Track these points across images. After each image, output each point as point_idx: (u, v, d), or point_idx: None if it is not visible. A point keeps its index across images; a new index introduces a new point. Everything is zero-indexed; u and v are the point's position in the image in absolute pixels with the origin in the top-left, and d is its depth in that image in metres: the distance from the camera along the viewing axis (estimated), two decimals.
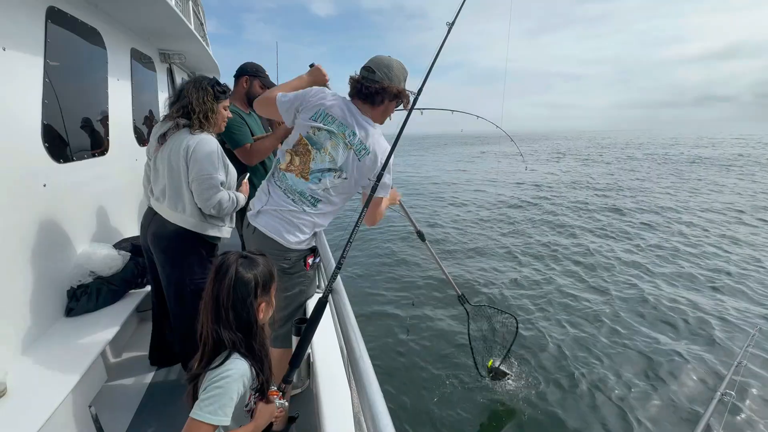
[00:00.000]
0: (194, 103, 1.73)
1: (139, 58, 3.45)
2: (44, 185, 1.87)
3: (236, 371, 0.93)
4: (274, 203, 1.52)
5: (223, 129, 1.94)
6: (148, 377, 2.24)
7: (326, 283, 1.15)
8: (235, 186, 1.94)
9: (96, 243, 2.26)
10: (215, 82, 1.82)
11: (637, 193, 13.47)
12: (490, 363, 3.25)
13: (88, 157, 2.34)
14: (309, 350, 1.30)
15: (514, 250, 7.54)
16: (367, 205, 1.33)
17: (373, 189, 1.38)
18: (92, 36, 2.54)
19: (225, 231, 1.95)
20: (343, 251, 1.20)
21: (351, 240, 1.22)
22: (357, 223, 1.23)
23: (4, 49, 1.66)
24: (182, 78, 5.21)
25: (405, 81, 1.52)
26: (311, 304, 1.79)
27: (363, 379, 0.70)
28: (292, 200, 1.50)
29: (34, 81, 1.88)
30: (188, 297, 1.79)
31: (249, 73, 2.43)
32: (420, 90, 1.50)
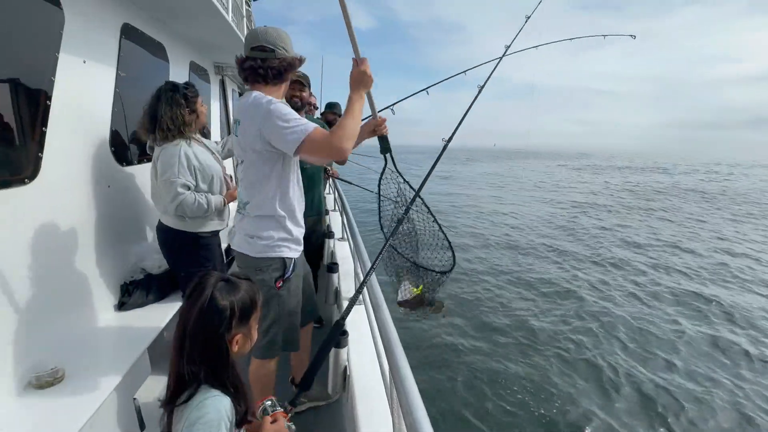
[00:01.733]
0: (168, 122, 1.87)
1: (196, 70, 3.69)
2: (108, 186, 2.02)
3: (213, 414, 0.82)
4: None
5: (205, 120, 2.13)
6: None
7: (345, 307, 1.15)
8: (219, 190, 2.08)
9: (150, 242, 2.40)
10: (183, 87, 1.94)
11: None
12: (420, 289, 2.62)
13: (146, 161, 2.51)
14: (346, 362, 1.29)
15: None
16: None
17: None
18: (158, 50, 2.75)
19: (212, 225, 2.10)
20: (364, 279, 1.19)
21: (374, 266, 1.22)
22: (380, 251, 1.23)
23: (84, 62, 1.82)
24: (233, 89, 5.50)
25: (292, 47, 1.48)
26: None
27: (408, 403, 0.68)
28: (238, 210, 1.55)
29: (107, 91, 2.05)
30: (183, 285, 1.99)
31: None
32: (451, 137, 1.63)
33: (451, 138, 1.68)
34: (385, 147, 1.71)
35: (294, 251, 1.55)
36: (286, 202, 1.49)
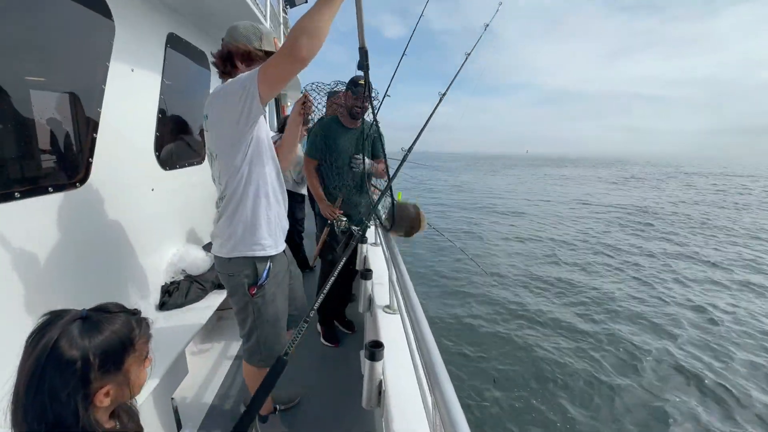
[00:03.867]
0: None
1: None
2: (152, 189, 2.09)
3: None
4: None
5: None
6: (223, 373, 2.36)
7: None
8: None
9: (188, 244, 2.47)
10: None
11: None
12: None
13: (187, 166, 2.59)
14: (381, 375, 1.24)
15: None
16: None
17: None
18: (200, 58, 2.84)
19: None
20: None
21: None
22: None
23: (133, 70, 1.90)
24: None
25: (260, 40, 1.36)
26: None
27: (454, 428, 0.62)
28: (216, 208, 1.47)
29: (152, 98, 2.13)
30: None
31: (346, 87, 2.49)
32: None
33: (411, 147, 1.65)
34: (363, 64, 1.32)
35: (268, 249, 1.43)
36: (258, 197, 1.38)
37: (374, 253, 2.80)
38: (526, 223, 12.12)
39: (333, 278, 1.40)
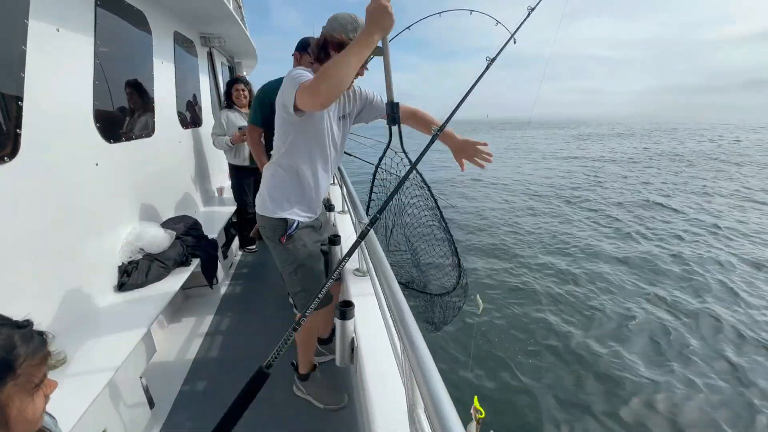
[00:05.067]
0: None
1: (181, 41, 3.51)
2: (96, 164, 1.93)
3: None
4: None
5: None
6: (194, 350, 2.33)
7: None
8: None
9: (145, 222, 2.34)
10: None
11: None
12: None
13: (135, 138, 2.41)
14: (353, 333, 1.26)
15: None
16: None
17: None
18: (138, 19, 2.58)
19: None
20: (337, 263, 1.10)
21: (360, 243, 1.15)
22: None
23: (58, 30, 1.70)
24: (221, 62, 5.28)
25: (356, 31, 1.34)
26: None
27: (422, 370, 0.64)
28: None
29: (85, 63, 1.92)
30: None
31: (298, 48, 2.35)
32: (449, 118, 1.41)
33: (442, 128, 1.43)
34: (395, 117, 1.43)
35: (295, 215, 1.55)
36: (298, 167, 1.49)
37: (342, 220, 2.79)
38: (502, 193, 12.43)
39: (329, 282, 1.17)
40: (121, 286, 1.99)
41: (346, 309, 1.22)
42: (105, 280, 1.94)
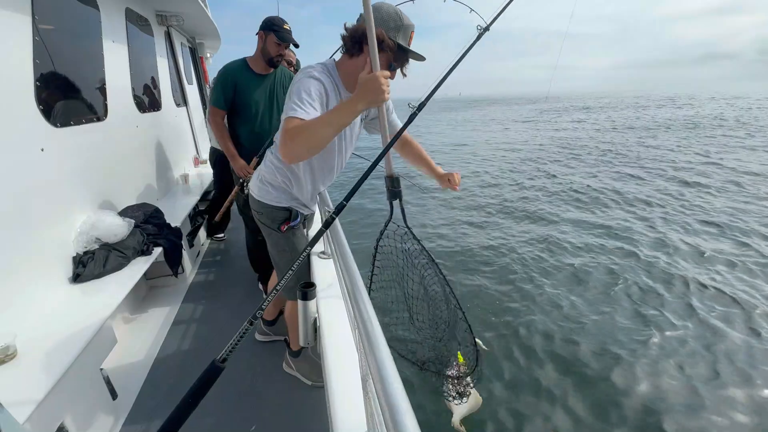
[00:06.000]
0: None
1: (134, 20, 3.31)
2: (42, 149, 1.82)
3: None
4: None
5: None
6: (160, 341, 2.28)
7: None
8: None
9: (100, 210, 2.24)
10: None
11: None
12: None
13: (85, 122, 2.28)
14: (315, 313, 1.27)
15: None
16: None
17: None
18: None
19: None
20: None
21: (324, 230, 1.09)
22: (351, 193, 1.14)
23: None
24: (181, 43, 5.03)
25: (397, 30, 1.26)
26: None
27: (372, 340, 0.66)
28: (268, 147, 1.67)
29: (22, 42, 1.78)
30: None
31: (262, 27, 2.27)
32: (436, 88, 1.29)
33: (422, 106, 1.27)
34: (395, 192, 1.30)
35: (300, 209, 1.61)
36: (299, 168, 1.49)
37: None
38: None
39: (290, 273, 1.07)
40: (77, 278, 1.91)
41: (307, 290, 1.23)
42: (59, 272, 1.86)
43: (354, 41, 1.26)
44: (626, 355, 3.34)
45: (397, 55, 1.26)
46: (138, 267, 2.11)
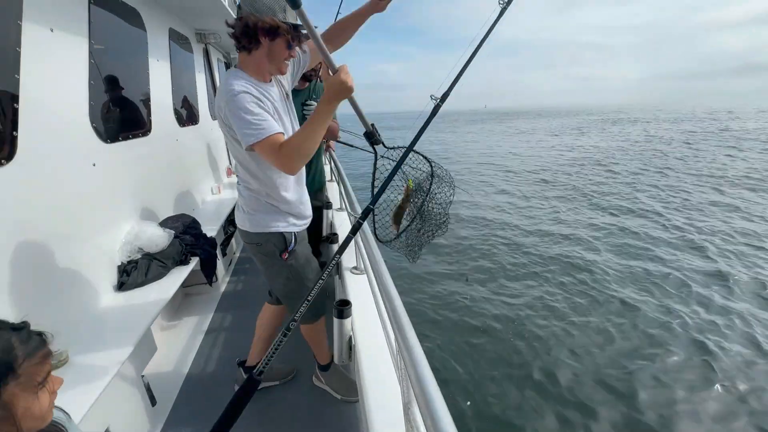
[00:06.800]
0: None
1: (176, 38, 3.49)
2: (93, 164, 1.93)
3: None
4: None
5: None
6: (194, 348, 2.35)
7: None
8: None
9: (143, 221, 2.35)
10: None
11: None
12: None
13: (132, 138, 2.41)
14: (351, 331, 1.28)
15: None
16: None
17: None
18: (132, 16, 2.57)
19: None
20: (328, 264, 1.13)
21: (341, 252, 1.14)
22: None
23: (52, 30, 1.69)
24: (217, 58, 5.25)
25: (284, 11, 1.26)
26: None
27: (417, 370, 0.65)
28: (237, 185, 1.55)
29: (80, 63, 1.92)
30: None
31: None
32: (452, 85, 1.25)
33: (445, 96, 1.25)
34: (377, 139, 1.35)
35: (293, 226, 1.52)
36: (274, 179, 1.41)
37: (340, 218, 2.80)
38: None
39: (318, 285, 1.18)
40: (121, 286, 2.00)
41: (343, 308, 1.24)
42: (105, 280, 1.96)
43: (248, 36, 1.25)
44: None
45: (293, 34, 1.28)
46: (176, 276, 2.20)
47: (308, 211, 1.61)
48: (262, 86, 1.32)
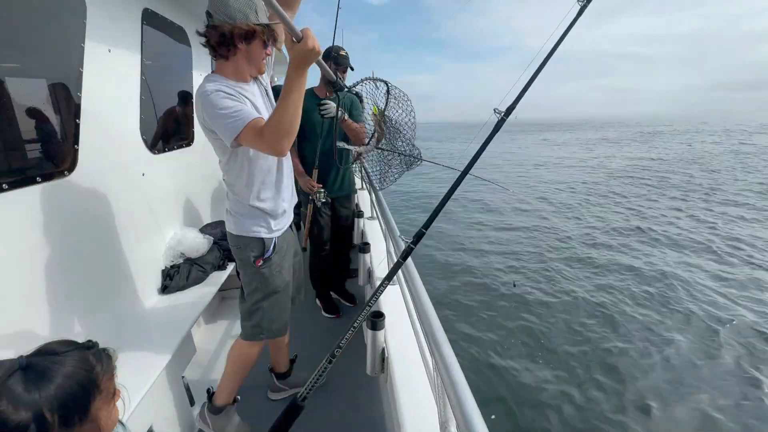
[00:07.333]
0: None
1: None
2: (143, 174, 2.06)
3: None
4: None
5: None
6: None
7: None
8: None
9: (185, 227, 2.47)
10: None
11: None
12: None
13: (176, 148, 2.54)
14: (384, 343, 1.28)
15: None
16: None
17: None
18: (179, 34, 2.72)
19: None
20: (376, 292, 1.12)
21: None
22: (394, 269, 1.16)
23: (110, 51, 1.82)
24: None
25: (256, 12, 1.25)
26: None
27: (455, 390, 0.64)
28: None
29: (133, 79, 2.06)
30: None
31: (323, 56, 2.43)
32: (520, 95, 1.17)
33: (510, 109, 1.18)
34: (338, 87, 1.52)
35: (272, 232, 1.50)
36: (255, 184, 1.42)
37: (371, 227, 2.82)
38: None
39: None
40: (164, 289, 2.11)
41: (376, 320, 1.24)
42: (151, 284, 2.07)
43: (226, 45, 1.26)
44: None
45: (268, 34, 1.29)
46: (215, 280, 2.29)
47: (288, 218, 1.60)
48: (239, 85, 1.32)
